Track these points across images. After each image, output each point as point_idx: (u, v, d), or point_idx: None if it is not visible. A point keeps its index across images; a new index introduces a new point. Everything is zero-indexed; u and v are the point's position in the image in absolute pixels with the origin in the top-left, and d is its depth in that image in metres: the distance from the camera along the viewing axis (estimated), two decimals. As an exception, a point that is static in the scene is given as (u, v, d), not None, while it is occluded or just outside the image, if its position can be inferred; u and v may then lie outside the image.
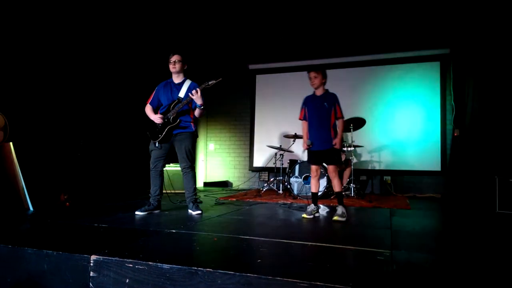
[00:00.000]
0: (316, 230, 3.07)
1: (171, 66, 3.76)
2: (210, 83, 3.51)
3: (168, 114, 3.71)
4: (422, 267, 1.94)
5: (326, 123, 3.56)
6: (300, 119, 3.77)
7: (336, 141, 3.54)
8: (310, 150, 3.66)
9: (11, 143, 3.87)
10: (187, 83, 3.80)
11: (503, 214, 4.13)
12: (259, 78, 7.58)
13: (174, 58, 3.72)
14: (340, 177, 4.93)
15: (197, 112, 3.75)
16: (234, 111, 7.73)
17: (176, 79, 3.84)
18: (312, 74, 3.59)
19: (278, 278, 1.60)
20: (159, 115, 3.73)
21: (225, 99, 7.72)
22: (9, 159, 3.86)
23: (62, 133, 4.92)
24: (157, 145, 3.75)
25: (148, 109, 3.86)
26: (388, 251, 2.17)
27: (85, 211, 3.74)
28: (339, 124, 3.60)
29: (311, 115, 3.65)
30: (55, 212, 3.65)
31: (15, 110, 4.22)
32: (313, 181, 3.70)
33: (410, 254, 2.21)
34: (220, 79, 3.51)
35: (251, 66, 7.60)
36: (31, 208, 3.82)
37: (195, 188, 3.83)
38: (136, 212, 3.61)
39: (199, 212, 3.70)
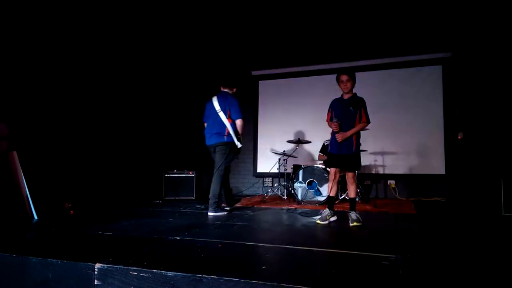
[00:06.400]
0: (321, 236, 3.06)
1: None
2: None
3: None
4: (428, 272, 1.92)
5: (350, 128, 3.48)
6: (327, 121, 3.73)
7: (345, 134, 3.45)
8: (330, 153, 3.63)
9: (15, 152, 3.90)
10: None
11: (508, 217, 4.10)
12: (262, 84, 7.60)
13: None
14: (344, 182, 4.91)
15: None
16: (237, 117, 7.72)
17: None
18: (345, 78, 3.49)
19: (284, 285, 1.59)
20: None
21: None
22: (13, 167, 3.88)
23: (66, 142, 4.94)
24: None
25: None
26: (394, 256, 2.16)
27: (89, 219, 3.75)
28: (359, 124, 3.49)
29: (336, 118, 3.57)
30: (59, 220, 3.66)
31: (19, 119, 4.25)
32: (330, 184, 3.65)
33: (416, 258, 2.19)
34: None
35: (254, 72, 7.62)
36: (35, 217, 3.83)
37: (215, 190, 4.22)
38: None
39: (213, 213, 4.13)
